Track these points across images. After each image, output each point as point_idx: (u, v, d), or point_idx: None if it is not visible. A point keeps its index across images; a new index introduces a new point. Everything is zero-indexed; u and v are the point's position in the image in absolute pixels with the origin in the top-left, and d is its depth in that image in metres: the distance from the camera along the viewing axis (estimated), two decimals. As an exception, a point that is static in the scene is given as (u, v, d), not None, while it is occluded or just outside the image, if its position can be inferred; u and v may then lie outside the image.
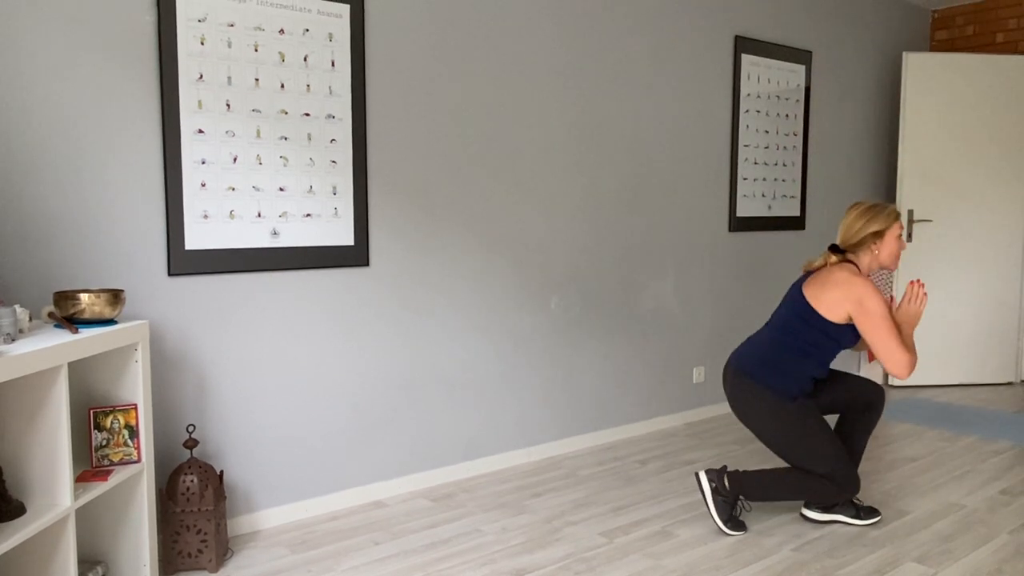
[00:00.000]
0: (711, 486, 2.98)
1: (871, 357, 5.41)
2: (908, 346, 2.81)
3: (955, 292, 5.37)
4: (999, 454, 3.93)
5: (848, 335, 2.87)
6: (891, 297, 2.84)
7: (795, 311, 2.91)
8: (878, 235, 2.90)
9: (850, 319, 2.82)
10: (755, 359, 2.95)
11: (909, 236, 5.31)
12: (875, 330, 2.75)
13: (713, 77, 4.46)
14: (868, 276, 2.91)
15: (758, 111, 4.71)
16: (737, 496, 2.97)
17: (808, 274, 2.98)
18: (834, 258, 2.92)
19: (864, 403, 3.05)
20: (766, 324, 3.05)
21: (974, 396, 5.15)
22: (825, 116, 5.17)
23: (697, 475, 3.03)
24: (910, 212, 5.29)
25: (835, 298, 2.81)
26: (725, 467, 3.02)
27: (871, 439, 4.18)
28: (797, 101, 4.93)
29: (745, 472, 2.98)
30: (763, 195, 4.80)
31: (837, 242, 2.98)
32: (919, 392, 5.28)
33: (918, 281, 2.88)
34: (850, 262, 2.92)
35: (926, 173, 5.28)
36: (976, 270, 5.38)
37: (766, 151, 4.79)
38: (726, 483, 2.97)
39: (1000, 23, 5.64)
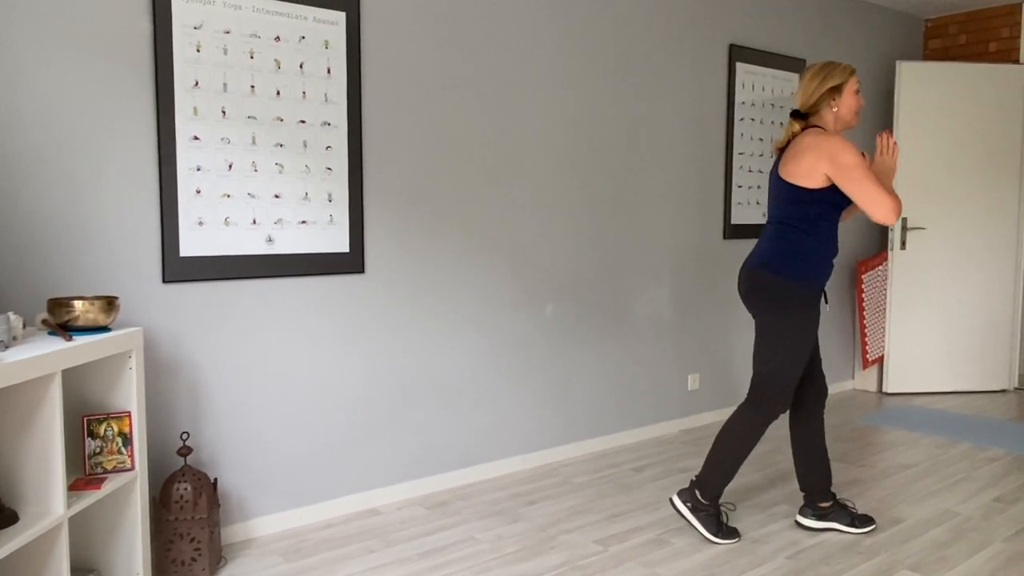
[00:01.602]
0: (687, 506, 2.97)
1: (865, 364, 5.42)
2: (889, 193, 2.75)
3: (949, 299, 5.38)
4: (993, 461, 3.93)
5: (838, 195, 2.80)
6: (863, 154, 2.80)
7: (782, 196, 2.86)
8: (836, 90, 2.85)
9: (829, 180, 2.76)
10: (766, 254, 2.89)
11: (903, 244, 5.33)
12: (853, 181, 2.70)
13: (708, 85, 4.48)
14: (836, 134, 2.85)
15: (752, 119, 4.73)
16: (716, 503, 2.96)
17: (780, 156, 2.93)
18: (797, 126, 2.89)
19: (808, 389, 3.03)
20: (765, 224, 2.99)
21: (968, 403, 5.17)
22: (819, 124, 5.18)
23: (671, 501, 3.02)
24: (904, 220, 5.31)
25: (809, 163, 2.75)
26: (692, 480, 3.02)
27: (866, 446, 4.18)
28: (792, 109, 4.95)
29: (700, 472, 2.98)
30: (757, 202, 4.82)
31: (797, 106, 2.95)
32: (913, 399, 5.29)
33: (887, 132, 2.86)
34: (814, 127, 2.87)
35: (920, 181, 5.30)
36: (970, 277, 5.40)
37: (760, 159, 4.80)
38: (699, 496, 2.97)
39: (993, 32, 5.68)
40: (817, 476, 3.05)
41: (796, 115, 2.90)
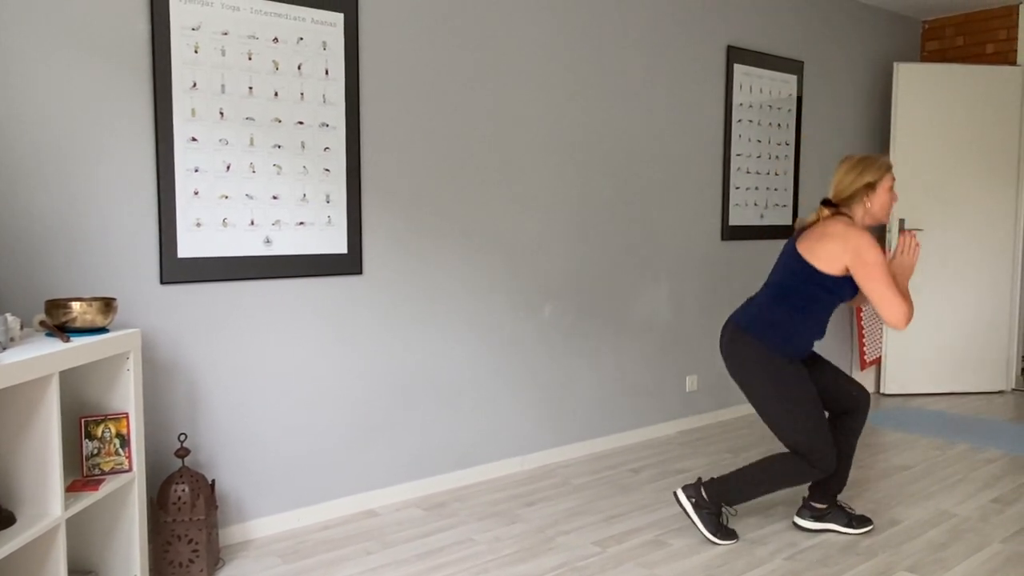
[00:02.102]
0: (691, 501, 2.97)
1: (863, 365, 5.43)
2: (904, 296, 2.79)
3: (947, 300, 5.39)
4: (991, 462, 3.94)
5: (846, 287, 2.84)
6: (885, 250, 2.82)
7: (791, 269, 2.87)
8: (870, 187, 2.87)
9: (847, 271, 2.78)
10: (754, 318, 2.91)
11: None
12: (873, 281, 2.72)
13: (706, 87, 4.48)
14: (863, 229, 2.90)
15: (750, 120, 4.73)
16: (719, 505, 2.96)
17: (801, 231, 2.95)
18: (827, 212, 2.90)
19: (849, 403, 3.03)
20: (763, 286, 3.01)
21: (966, 404, 5.17)
22: (817, 126, 5.20)
23: (675, 494, 3.02)
24: (901, 221, 5.32)
25: (832, 250, 2.77)
26: (700, 479, 3.01)
27: (864, 447, 4.18)
28: (789, 111, 4.96)
29: (720, 478, 2.97)
30: (755, 204, 4.82)
31: (829, 196, 2.96)
32: (911, 400, 5.29)
33: (910, 232, 2.87)
34: (843, 215, 2.90)
35: (917, 182, 5.31)
36: (967, 278, 5.41)
37: (758, 160, 4.81)
38: (704, 495, 2.97)
39: (990, 34, 5.69)
40: (834, 481, 3.04)
41: (827, 203, 2.92)
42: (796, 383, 2.85)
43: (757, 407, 2.93)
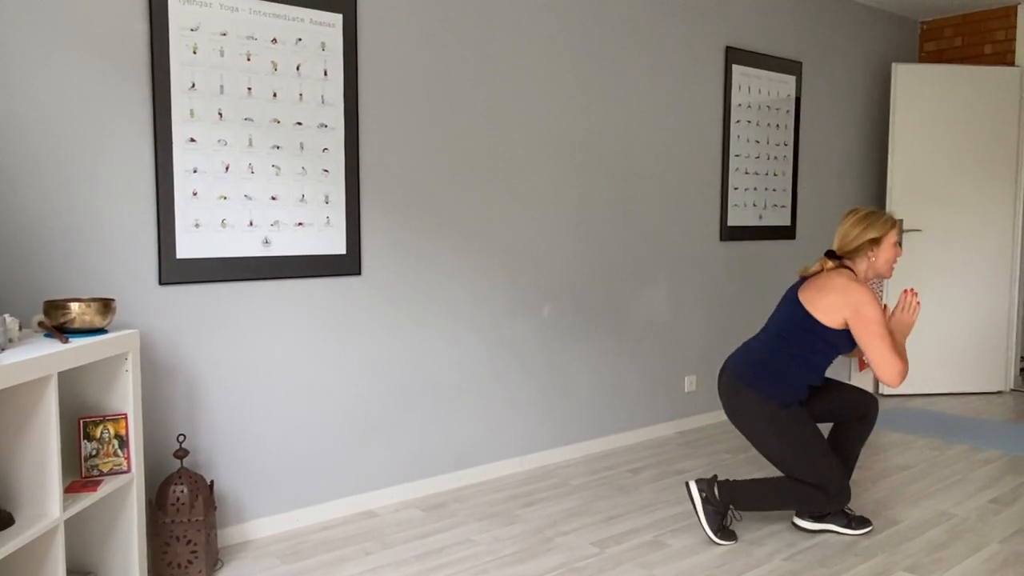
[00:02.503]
0: (701, 496, 2.97)
1: (862, 366, 5.43)
2: (900, 354, 2.82)
3: (945, 301, 5.40)
4: (990, 463, 3.94)
5: (844, 340, 2.87)
6: (884, 305, 2.84)
7: (791, 317, 2.90)
8: (875, 242, 2.90)
9: (846, 324, 2.81)
10: (751, 365, 2.94)
11: (899, 246, 5.34)
12: (870, 337, 2.75)
13: (704, 87, 4.48)
14: (865, 282, 2.92)
15: (749, 121, 4.73)
16: (727, 506, 2.96)
17: (804, 279, 2.98)
18: (830, 264, 2.93)
19: (858, 413, 3.05)
20: (762, 330, 3.04)
21: (965, 405, 5.18)
22: (815, 126, 5.20)
23: (687, 485, 3.03)
24: (899, 222, 5.32)
25: (832, 303, 2.80)
26: (715, 476, 3.01)
27: (863, 447, 4.18)
28: (787, 111, 4.96)
29: (735, 481, 2.98)
30: (754, 204, 4.82)
31: (833, 248, 2.99)
32: (910, 401, 5.30)
33: (911, 290, 2.89)
34: (847, 268, 2.93)
35: (915, 183, 5.31)
36: (966, 279, 5.41)
37: (757, 161, 4.81)
38: (716, 492, 2.97)
39: (988, 34, 5.69)
40: None
41: (831, 254, 2.95)
42: (796, 425, 2.86)
43: (762, 452, 2.96)
